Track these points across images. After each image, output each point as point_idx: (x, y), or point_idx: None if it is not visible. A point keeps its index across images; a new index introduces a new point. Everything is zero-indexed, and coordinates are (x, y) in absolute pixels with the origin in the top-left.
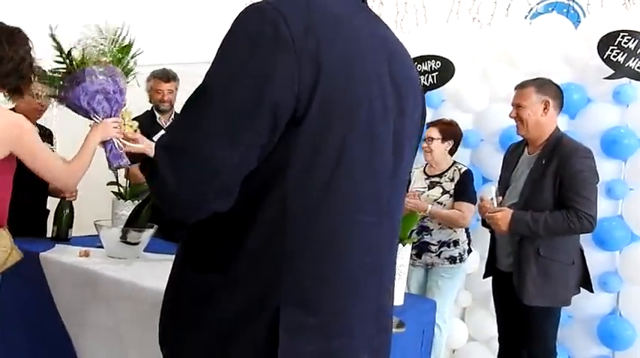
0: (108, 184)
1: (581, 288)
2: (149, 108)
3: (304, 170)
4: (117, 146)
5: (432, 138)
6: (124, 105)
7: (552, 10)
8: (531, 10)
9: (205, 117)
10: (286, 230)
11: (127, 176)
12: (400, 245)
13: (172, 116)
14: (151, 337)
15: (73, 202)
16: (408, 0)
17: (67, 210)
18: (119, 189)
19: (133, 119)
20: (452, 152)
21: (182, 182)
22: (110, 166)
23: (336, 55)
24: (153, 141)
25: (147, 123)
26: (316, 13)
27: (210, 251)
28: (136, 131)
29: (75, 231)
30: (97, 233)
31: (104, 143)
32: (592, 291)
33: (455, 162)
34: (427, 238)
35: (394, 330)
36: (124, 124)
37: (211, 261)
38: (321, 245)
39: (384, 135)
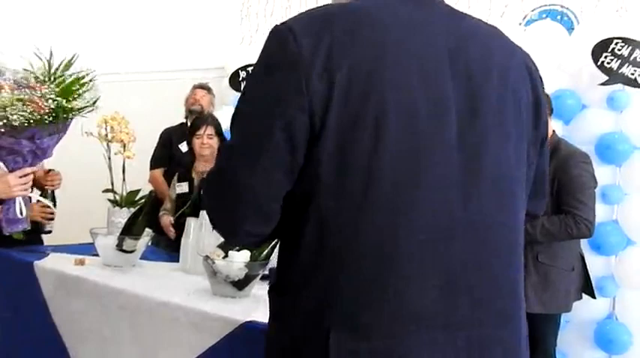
0: (104, 191)
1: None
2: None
3: (336, 186)
4: (18, 209)
5: None
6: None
7: (546, 16)
8: (525, 16)
9: (230, 143)
10: (328, 251)
11: None
12: None
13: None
14: (148, 346)
15: (55, 193)
16: None
17: (49, 200)
18: (115, 197)
19: (165, 129)
20: None
21: (213, 206)
22: (2, 230)
23: (352, 62)
24: (180, 149)
25: (177, 134)
26: (334, 23)
27: (277, 274)
28: (128, 134)
29: (69, 240)
30: (92, 241)
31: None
32: (594, 297)
33: None
34: None
35: None
36: (120, 132)
37: (276, 283)
38: (363, 266)
39: (436, 141)
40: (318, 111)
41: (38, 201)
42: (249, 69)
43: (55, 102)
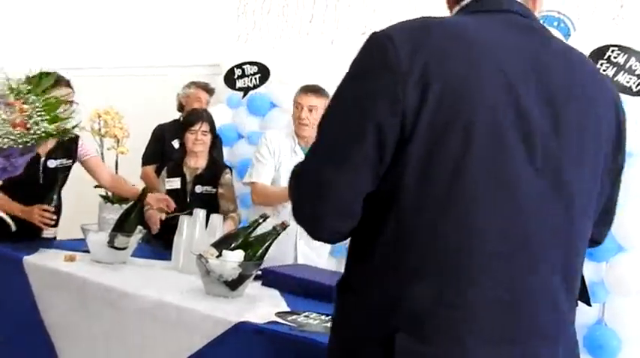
0: (95, 187)
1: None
2: (177, 118)
3: (419, 189)
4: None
5: None
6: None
7: (543, 23)
8: None
9: (319, 143)
10: (402, 251)
11: None
12: None
13: None
14: (138, 345)
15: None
16: (400, 9)
17: (53, 204)
18: (106, 193)
19: (158, 125)
20: None
21: (300, 203)
22: None
23: (447, 74)
24: (172, 145)
25: (171, 130)
26: (431, 35)
27: (348, 270)
28: (121, 129)
29: (60, 235)
30: (82, 236)
31: None
32: (590, 305)
33: None
34: None
35: None
36: (114, 127)
37: (347, 279)
38: (435, 269)
39: (517, 159)
40: (410, 116)
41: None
42: (245, 67)
43: (43, 127)
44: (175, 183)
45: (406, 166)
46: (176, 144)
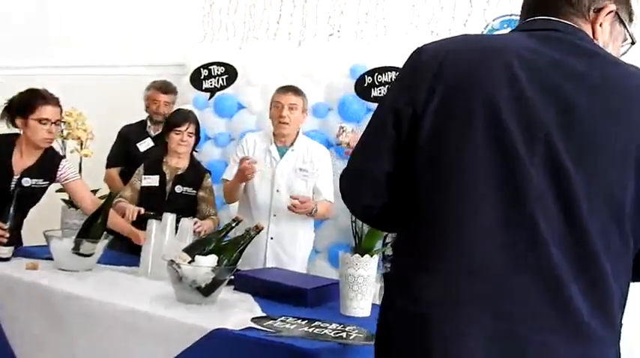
0: (57, 191)
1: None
2: (143, 119)
3: (428, 168)
4: None
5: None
6: None
7: (507, 27)
8: (487, 25)
9: (359, 141)
10: (413, 227)
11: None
12: (367, 255)
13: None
14: (106, 356)
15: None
16: (369, 11)
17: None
18: (69, 196)
19: (125, 126)
20: None
21: (345, 186)
22: None
23: (455, 72)
24: (138, 148)
25: (136, 131)
26: (454, 44)
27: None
28: (85, 131)
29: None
30: (45, 243)
31: None
32: None
33: None
34: None
35: (363, 343)
36: (77, 129)
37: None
38: (433, 242)
39: (519, 146)
40: (420, 106)
41: None
42: (212, 67)
43: None
44: (153, 180)
45: (417, 153)
46: (142, 146)
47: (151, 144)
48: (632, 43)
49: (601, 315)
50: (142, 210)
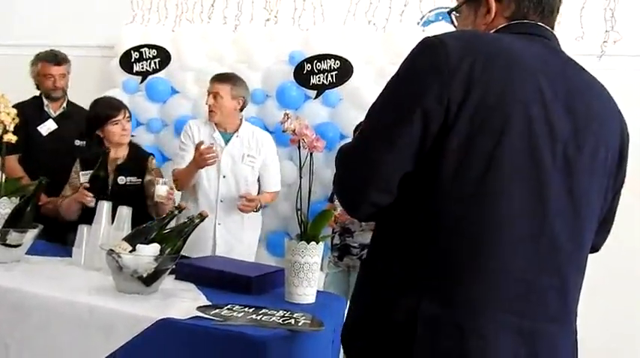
0: None
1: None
2: (37, 94)
3: (455, 172)
4: None
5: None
6: None
7: (442, 19)
8: (423, 17)
9: (368, 127)
10: (434, 230)
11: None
12: (313, 243)
13: (64, 104)
14: (48, 350)
15: None
16: (305, 1)
17: None
18: None
19: (15, 106)
20: None
21: (347, 177)
22: None
23: (488, 77)
24: (39, 131)
25: (33, 112)
26: (478, 44)
27: (372, 244)
28: (14, 119)
29: None
30: None
31: None
32: None
33: None
34: (349, 240)
35: (311, 329)
36: (0, 112)
37: (371, 252)
38: (461, 248)
39: (545, 155)
40: (454, 108)
41: None
42: (143, 50)
43: None
44: None
45: (444, 156)
46: (43, 129)
47: (54, 126)
48: None
49: (575, 310)
50: (87, 185)
